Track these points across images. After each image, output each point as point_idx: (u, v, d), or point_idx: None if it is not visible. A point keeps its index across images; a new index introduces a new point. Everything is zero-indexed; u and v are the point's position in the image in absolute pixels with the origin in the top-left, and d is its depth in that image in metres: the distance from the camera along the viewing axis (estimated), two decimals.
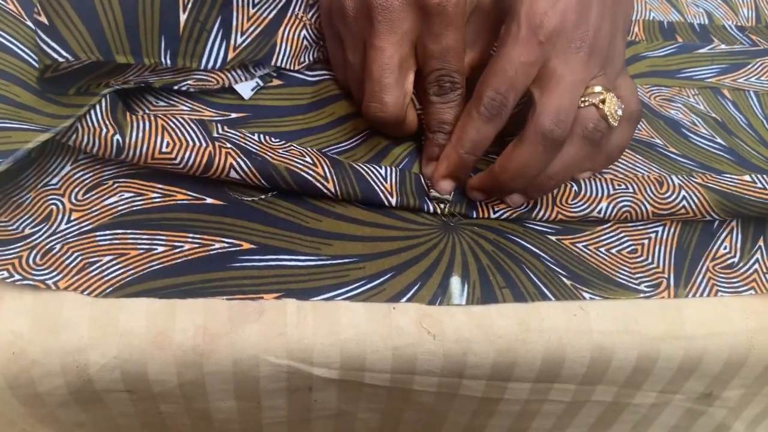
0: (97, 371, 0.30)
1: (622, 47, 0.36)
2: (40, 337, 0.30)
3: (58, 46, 0.31)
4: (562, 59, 0.33)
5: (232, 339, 0.31)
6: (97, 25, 0.32)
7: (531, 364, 0.33)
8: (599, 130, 0.34)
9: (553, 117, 0.33)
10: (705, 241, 0.38)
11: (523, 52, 0.33)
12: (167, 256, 0.33)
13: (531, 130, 0.33)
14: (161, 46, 0.35)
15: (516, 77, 0.33)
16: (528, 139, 0.33)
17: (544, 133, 0.33)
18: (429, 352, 0.32)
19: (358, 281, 0.33)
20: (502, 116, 0.34)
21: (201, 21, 0.36)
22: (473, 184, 0.37)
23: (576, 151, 0.35)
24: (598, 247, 0.37)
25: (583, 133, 0.34)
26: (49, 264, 0.31)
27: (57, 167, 0.35)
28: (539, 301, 0.34)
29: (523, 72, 0.33)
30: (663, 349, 0.34)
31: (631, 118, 0.36)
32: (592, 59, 0.34)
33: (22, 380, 0.30)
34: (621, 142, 0.37)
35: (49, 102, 0.32)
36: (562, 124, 0.33)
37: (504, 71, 0.33)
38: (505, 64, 0.33)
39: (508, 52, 0.33)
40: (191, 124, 0.35)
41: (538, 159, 0.33)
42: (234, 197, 0.35)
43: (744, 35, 0.50)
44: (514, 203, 0.37)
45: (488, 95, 0.34)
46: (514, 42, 0.33)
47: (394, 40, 0.34)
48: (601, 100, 0.34)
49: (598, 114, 0.34)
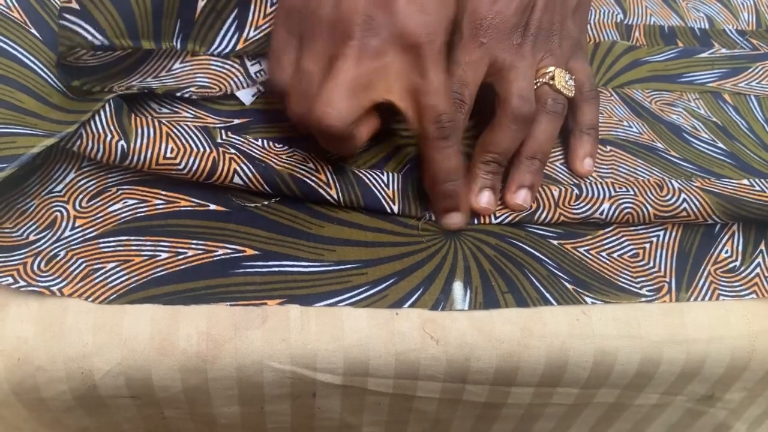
0: (102, 377, 0.30)
1: (575, 31, 0.41)
2: (45, 343, 0.30)
3: (92, 28, 0.31)
4: (508, 53, 0.37)
5: (235, 345, 0.31)
6: (128, 9, 0.33)
7: (534, 368, 0.33)
8: (559, 102, 0.38)
9: (518, 97, 0.37)
10: (706, 245, 0.39)
11: (466, 52, 0.37)
12: (171, 262, 0.33)
13: (502, 113, 0.37)
14: (176, 30, 0.35)
15: (464, 75, 0.37)
16: (500, 122, 0.37)
17: (514, 112, 0.36)
18: (432, 357, 0.32)
19: (361, 287, 0.33)
20: (463, 110, 0.37)
21: (217, 10, 0.37)
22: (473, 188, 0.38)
23: (546, 127, 0.38)
24: (600, 251, 0.37)
25: (545, 108, 0.38)
26: (53, 271, 0.32)
27: (61, 174, 0.35)
28: (541, 306, 0.34)
29: (470, 69, 0.37)
30: (665, 353, 0.34)
31: (589, 98, 0.41)
32: (536, 47, 0.38)
33: (27, 386, 0.30)
34: (589, 120, 0.41)
35: (54, 108, 0.33)
36: (528, 102, 0.37)
37: (453, 72, 0.37)
38: (453, 67, 0.37)
39: (455, 56, 0.37)
40: (195, 131, 0.35)
41: (513, 137, 0.37)
42: (237, 203, 0.35)
43: (744, 39, 0.50)
44: (525, 201, 0.38)
45: None
46: (457, 47, 0.37)
47: (369, 62, 0.32)
48: (551, 77, 0.38)
49: (552, 90, 0.38)
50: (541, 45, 0.38)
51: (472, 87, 0.37)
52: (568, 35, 0.40)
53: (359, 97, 0.32)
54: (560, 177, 0.40)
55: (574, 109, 0.40)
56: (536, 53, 0.38)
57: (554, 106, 0.38)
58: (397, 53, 0.32)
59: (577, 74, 0.40)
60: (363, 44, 0.32)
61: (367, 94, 0.32)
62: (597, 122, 0.41)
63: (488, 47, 0.37)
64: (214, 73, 0.38)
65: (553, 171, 0.40)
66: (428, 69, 0.32)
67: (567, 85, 0.39)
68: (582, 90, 0.40)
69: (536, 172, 0.38)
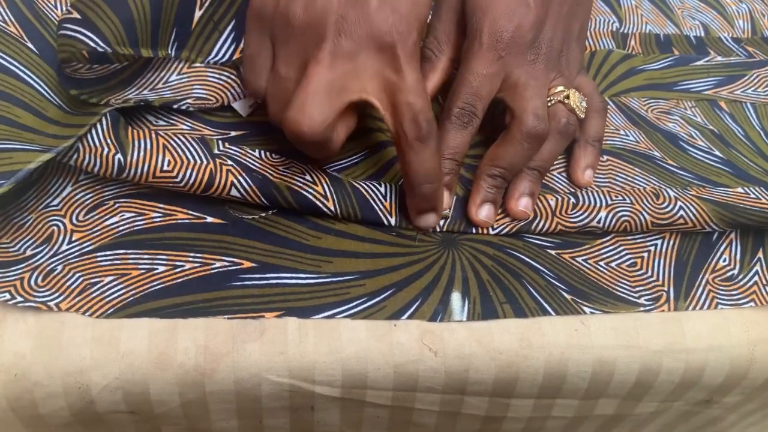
0: (99, 392, 0.30)
1: (578, 52, 0.41)
2: (42, 358, 0.30)
3: (93, 35, 0.32)
4: (523, 70, 0.37)
5: (233, 358, 0.31)
6: (129, 16, 0.33)
7: (533, 379, 0.33)
8: (571, 123, 0.38)
9: (534, 115, 0.36)
10: (704, 254, 0.39)
11: (484, 64, 0.37)
12: (168, 275, 0.33)
13: (515, 130, 0.36)
14: (171, 38, 0.36)
15: (480, 87, 0.37)
16: (513, 138, 0.37)
17: (528, 131, 0.36)
18: (430, 369, 0.32)
19: (359, 299, 0.33)
20: (473, 123, 0.37)
21: (215, 21, 0.37)
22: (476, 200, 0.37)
23: (554, 145, 0.38)
24: (598, 261, 0.37)
25: (558, 128, 0.38)
26: (50, 285, 0.32)
27: (58, 188, 0.35)
28: (540, 317, 0.34)
29: (487, 82, 0.37)
30: (664, 362, 0.34)
31: (599, 110, 0.41)
32: (548, 67, 0.38)
33: (25, 402, 0.30)
34: (596, 132, 0.41)
35: (50, 123, 0.33)
36: (543, 121, 0.36)
37: (469, 83, 0.37)
38: (470, 77, 0.37)
39: (472, 66, 0.37)
40: (192, 142, 0.35)
41: (523, 155, 0.37)
42: (234, 216, 0.35)
43: (740, 47, 0.50)
44: (526, 207, 0.37)
45: (458, 106, 0.37)
46: (475, 57, 0.37)
47: (343, 64, 0.31)
48: (565, 96, 0.38)
49: (566, 108, 0.38)
50: (553, 65, 0.38)
51: (486, 101, 0.37)
52: (574, 57, 0.40)
53: (333, 101, 0.31)
54: (557, 186, 0.40)
55: (582, 120, 0.40)
56: (549, 73, 0.38)
57: (567, 126, 0.38)
58: (370, 53, 0.32)
59: (584, 89, 0.41)
60: (336, 46, 0.31)
61: (341, 97, 0.32)
62: (603, 135, 0.41)
63: (506, 62, 0.37)
64: (211, 85, 0.38)
65: (550, 180, 0.40)
66: (403, 67, 0.32)
67: (581, 105, 0.39)
68: (592, 101, 0.41)
69: (536, 181, 0.38)
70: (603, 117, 0.42)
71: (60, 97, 0.33)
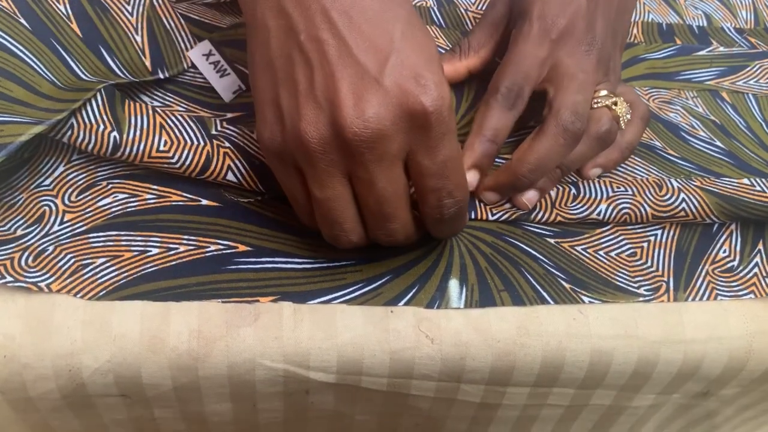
0: (90, 375, 0.30)
1: (620, 61, 0.39)
2: (33, 340, 0.29)
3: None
4: (574, 59, 0.35)
5: (227, 342, 0.30)
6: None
7: (530, 368, 0.33)
8: (612, 131, 0.36)
9: (572, 111, 0.34)
10: (704, 245, 0.38)
11: (535, 47, 0.35)
12: (162, 258, 0.32)
13: (551, 124, 0.34)
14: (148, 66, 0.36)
15: (530, 70, 0.35)
16: (548, 132, 0.34)
17: (565, 126, 0.34)
18: (427, 356, 0.32)
19: (355, 284, 0.33)
20: (518, 106, 0.36)
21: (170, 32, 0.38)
22: (488, 184, 0.36)
23: (587, 149, 0.36)
24: (597, 250, 0.37)
25: (597, 134, 0.36)
26: (41, 266, 0.31)
27: (50, 168, 0.34)
28: (538, 305, 0.34)
29: (537, 65, 0.35)
30: (662, 353, 0.34)
31: (643, 117, 0.39)
32: (599, 64, 0.36)
33: (14, 384, 0.30)
34: (633, 139, 0.39)
35: (43, 97, 0.32)
36: (581, 118, 0.34)
37: (518, 64, 0.35)
38: (520, 58, 0.35)
39: (522, 48, 0.35)
40: (189, 121, 0.34)
41: (558, 151, 0.34)
42: (230, 198, 0.35)
43: (743, 38, 0.50)
44: (530, 201, 0.36)
45: (505, 85, 0.35)
46: (526, 39, 0.35)
47: (385, 168, 0.28)
48: (613, 102, 0.36)
49: (611, 115, 0.36)
50: (604, 63, 0.36)
51: (533, 85, 0.36)
52: (617, 64, 0.38)
53: (399, 200, 0.30)
54: None
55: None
56: (599, 70, 0.36)
57: (608, 134, 0.36)
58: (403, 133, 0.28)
59: (627, 96, 0.39)
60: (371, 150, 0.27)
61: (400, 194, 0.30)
62: (636, 144, 0.39)
63: (557, 48, 0.35)
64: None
65: None
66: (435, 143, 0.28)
67: (625, 116, 0.37)
68: (636, 108, 0.39)
69: (553, 180, 0.37)
70: (644, 125, 0.40)
71: (53, 73, 0.33)
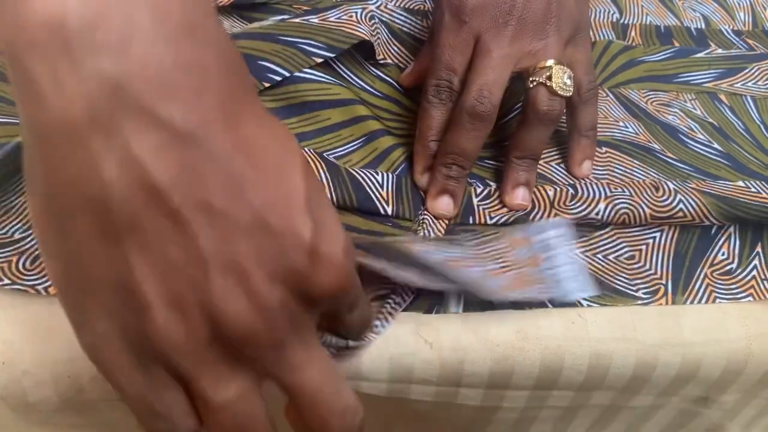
0: (90, 381, 0.30)
1: (575, 10, 0.37)
2: (31, 346, 0.29)
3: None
4: (492, 33, 0.34)
5: None
6: None
7: (529, 372, 0.33)
8: (554, 109, 0.35)
9: (476, 95, 0.34)
10: (703, 248, 0.38)
11: (450, 34, 0.35)
12: None
13: (456, 110, 0.35)
14: None
15: (450, 60, 0.35)
16: (455, 119, 0.35)
17: (468, 111, 0.34)
18: (426, 360, 0.32)
19: None
20: (451, 98, 0.36)
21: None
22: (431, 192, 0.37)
23: (536, 133, 0.36)
24: (596, 253, 0.37)
25: (538, 115, 0.35)
26: (39, 270, 0.31)
27: None
28: (537, 309, 0.34)
29: (457, 52, 0.35)
30: (661, 356, 0.34)
31: (588, 99, 0.38)
32: (523, 33, 0.35)
33: (13, 390, 0.29)
34: (589, 122, 0.39)
35: None
36: (485, 100, 0.34)
37: (438, 58, 0.35)
38: (439, 51, 0.35)
39: (438, 39, 0.36)
40: None
41: (467, 136, 0.35)
42: None
43: (741, 40, 0.50)
44: (524, 199, 0.37)
45: (431, 84, 0.36)
46: (440, 29, 0.35)
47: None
48: (548, 76, 0.35)
49: (548, 92, 0.35)
50: (532, 29, 0.35)
51: (459, 71, 0.35)
52: (567, 15, 0.36)
53: None
54: (555, 177, 0.40)
55: (572, 109, 0.39)
56: (522, 43, 0.35)
57: (548, 114, 0.35)
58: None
59: (576, 69, 0.37)
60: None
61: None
62: (596, 122, 0.40)
63: (472, 27, 0.35)
64: None
65: (548, 171, 0.40)
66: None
67: (564, 85, 0.35)
68: (581, 91, 0.38)
69: (529, 169, 0.37)
70: (594, 104, 0.39)
71: None
